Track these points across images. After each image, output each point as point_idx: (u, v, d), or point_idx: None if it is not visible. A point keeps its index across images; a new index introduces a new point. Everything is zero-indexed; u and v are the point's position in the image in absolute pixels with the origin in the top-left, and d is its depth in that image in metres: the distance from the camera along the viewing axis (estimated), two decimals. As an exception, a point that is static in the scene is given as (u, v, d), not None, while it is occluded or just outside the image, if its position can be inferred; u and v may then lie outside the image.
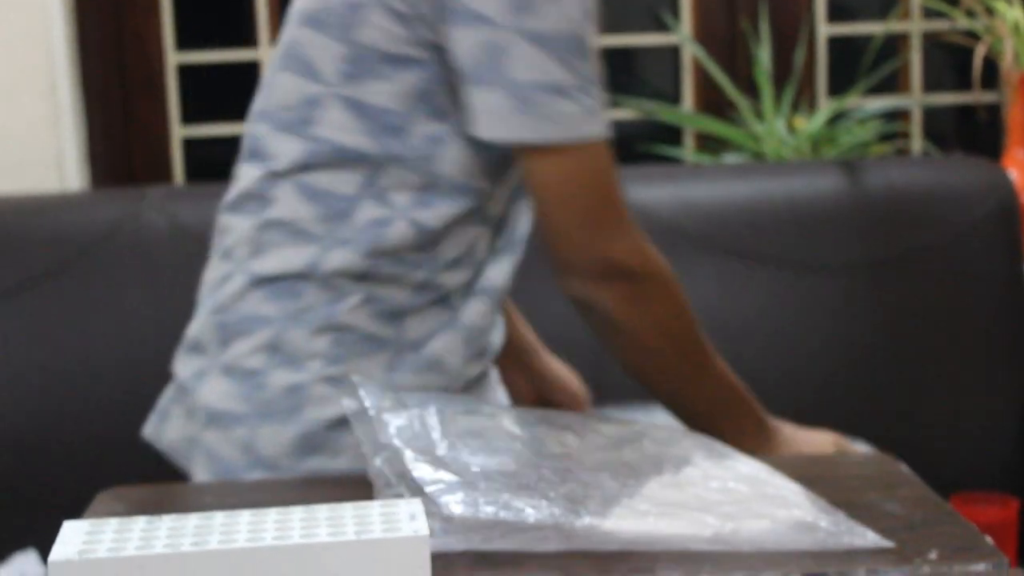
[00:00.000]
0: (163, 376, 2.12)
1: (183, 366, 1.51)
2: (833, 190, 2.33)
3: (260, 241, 1.45)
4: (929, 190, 2.36)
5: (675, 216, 2.28)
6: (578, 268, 1.39)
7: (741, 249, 2.28)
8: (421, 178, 1.41)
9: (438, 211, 1.42)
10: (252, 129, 1.49)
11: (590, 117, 1.36)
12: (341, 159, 1.40)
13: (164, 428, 1.54)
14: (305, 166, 1.42)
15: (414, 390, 1.41)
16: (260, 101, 1.49)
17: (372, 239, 1.41)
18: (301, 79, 1.42)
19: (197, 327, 1.50)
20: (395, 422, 1.22)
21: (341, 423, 1.41)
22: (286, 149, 1.42)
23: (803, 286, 2.27)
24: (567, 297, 1.42)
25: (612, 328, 1.42)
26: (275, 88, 1.45)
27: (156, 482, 1.44)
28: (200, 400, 1.46)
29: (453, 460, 1.17)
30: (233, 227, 1.48)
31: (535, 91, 1.33)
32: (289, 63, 1.44)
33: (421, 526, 0.91)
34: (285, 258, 1.43)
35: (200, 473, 1.48)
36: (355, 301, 1.42)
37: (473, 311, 1.47)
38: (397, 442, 1.18)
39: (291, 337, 1.42)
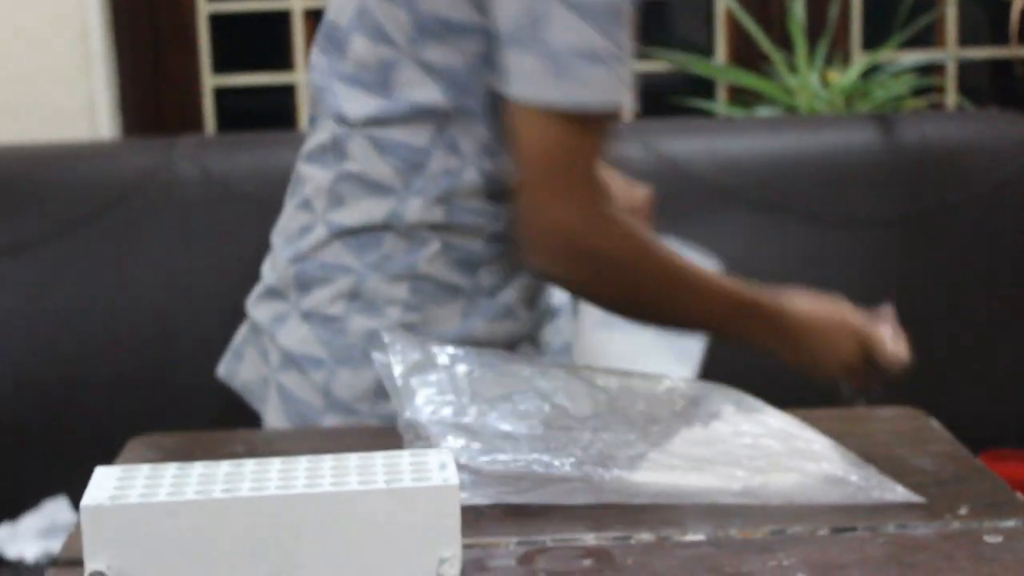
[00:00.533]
0: (194, 322, 2.13)
1: (260, 310, 1.54)
2: (866, 144, 2.31)
3: (338, 193, 1.47)
4: (963, 145, 2.34)
5: (707, 169, 2.27)
6: (540, 238, 1.39)
7: (773, 203, 2.27)
8: (488, 130, 1.43)
9: (505, 161, 1.44)
10: (324, 83, 1.50)
11: (619, 86, 1.37)
12: (414, 113, 1.43)
13: (239, 368, 1.59)
14: (378, 121, 1.44)
15: (485, 339, 1.45)
16: (329, 57, 1.49)
17: (446, 187, 1.44)
18: (373, 43, 1.44)
19: (275, 274, 1.53)
20: (423, 390, 1.21)
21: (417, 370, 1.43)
22: (361, 105, 1.45)
23: (834, 240, 2.26)
24: (528, 268, 1.44)
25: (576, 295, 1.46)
26: (349, 48, 1.46)
27: (188, 429, 1.45)
28: (279, 343, 1.50)
29: (481, 428, 1.17)
30: (311, 177, 1.51)
31: (570, 56, 1.34)
32: (361, 26, 1.45)
33: (451, 475, 0.92)
34: (366, 211, 1.46)
35: (272, 413, 1.51)
36: (434, 250, 1.45)
37: None
38: (423, 417, 1.18)
39: (371, 284, 1.46)
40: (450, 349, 1.28)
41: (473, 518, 1.07)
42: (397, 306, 1.46)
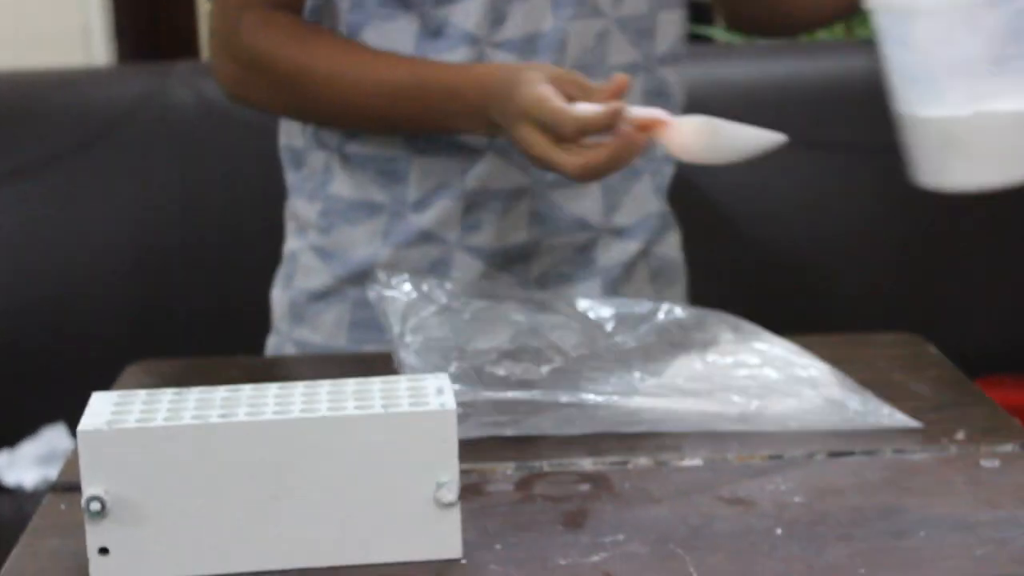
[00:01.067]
0: (188, 248, 2.12)
1: None
2: (867, 70, 2.29)
3: None
4: (964, 71, 2.32)
5: (706, 96, 2.24)
6: (209, 46, 1.41)
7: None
8: None
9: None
10: None
11: None
12: None
13: None
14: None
15: (409, 260, 1.36)
16: None
17: None
18: None
19: None
20: (417, 334, 1.21)
21: (321, 296, 1.42)
22: None
23: (835, 166, 2.25)
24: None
25: None
26: None
27: (185, 355, 1.45)
28: None
29: (475, 370, 1.17)
30: None
31: None
32: None
33: (448, 400, 0.92)
34: (286, 123, 1.43)
35: None
36: (347, 162, 1.37)
37: (481, 169, 1.35)
38: (416, 362, 1.18)
39: (298, 205, 1.44)
40: (448, 286, 1.27)
41: (470, 444, 1.07)
42: (313, 229, 1.42)
